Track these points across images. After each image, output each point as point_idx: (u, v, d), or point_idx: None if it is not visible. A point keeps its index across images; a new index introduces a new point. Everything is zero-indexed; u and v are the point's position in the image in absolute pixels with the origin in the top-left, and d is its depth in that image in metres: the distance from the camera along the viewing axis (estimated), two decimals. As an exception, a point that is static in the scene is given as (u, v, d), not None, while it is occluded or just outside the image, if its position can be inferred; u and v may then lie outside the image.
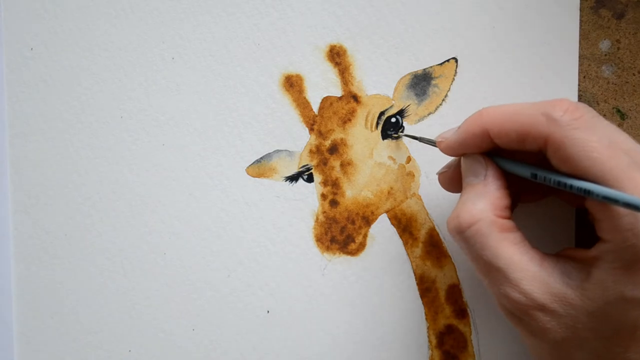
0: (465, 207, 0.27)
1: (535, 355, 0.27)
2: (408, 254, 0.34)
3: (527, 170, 0.27)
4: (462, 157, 0.29)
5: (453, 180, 0.30)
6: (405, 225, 0.34)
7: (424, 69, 0.34)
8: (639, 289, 0.24)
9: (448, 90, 0.34)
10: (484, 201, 0.27)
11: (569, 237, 0.33)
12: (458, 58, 0.34)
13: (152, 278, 0.34)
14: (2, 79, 0.34)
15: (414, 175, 0.34)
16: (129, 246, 0.34)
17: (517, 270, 0.26)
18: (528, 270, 0.26)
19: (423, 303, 0.34)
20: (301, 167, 0.34)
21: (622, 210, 0.24)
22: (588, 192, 0.25)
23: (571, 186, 0.25)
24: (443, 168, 0.31)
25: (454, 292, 0.34)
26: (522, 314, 0.26)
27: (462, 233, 0.27)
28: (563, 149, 0.25)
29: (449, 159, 0.31)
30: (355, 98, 0.34)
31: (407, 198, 0.34)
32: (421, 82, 0.34)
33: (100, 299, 0.34)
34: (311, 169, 0.34)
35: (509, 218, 0.27)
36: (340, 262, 0.34)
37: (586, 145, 0.24)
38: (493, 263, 0.26)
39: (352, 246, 0.34)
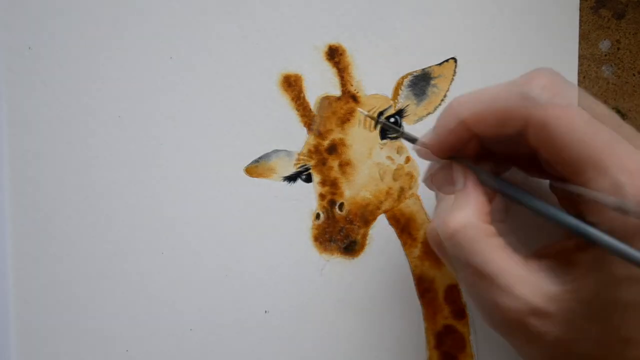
0: (453, 212, 0.26)
1: None
2: (407, 254, 0.34)
3: (507, 188, 0.27)
4: (442, 168, 0.28)
5: (441, 180, 0.29)
6: (404, 226, 0.34)
7: (423, 69, 0.34)
8: (627, 266, 0.23)
9: (447, 91, 0.34)
10: (469, 207, 0.26)
11: (549, 229, 0.32)
12: (457, 58, 0.34)
13: (149, 278, 0.34)
14: (0, 78, 0.34)
15: (412, 176, 0.34)
16: (127, 246, 0.34)
17: (507, 275, 0.25)
18: (517, 275, 0.25)
19: (421, 303, 0.34)
20: (300, 167, 0.34)
21: (608, 186, 0.23)
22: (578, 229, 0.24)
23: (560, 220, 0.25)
24: (427, 172, 0.30)
25: (453, 293, 0.34)
26: (514, 322, 0.25)
27: (451, 239, 0.26)
28: (545, 130, 0.24)
29: None
30: (354, 98, 0.34)
31: (406, 198, 0.34)
32: (420, 82, 0.34)
33: (97, 299, 0.34)
34: (310, 169, 0.34)
35: (491, 224, 0.27)
36: (338, 262, 0.34)
37: (568, 124, 0.23)
38: (482, 269, 0.25)
39: (351, 246, 0.34)
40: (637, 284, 0.23)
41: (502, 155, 0.28)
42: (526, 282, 0.25)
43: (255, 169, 0.34)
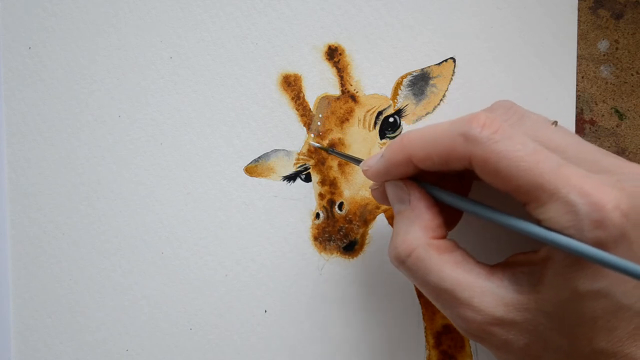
0: (399, 237, 0.27)
1: None
2: (406, 253, 0.34)
3: (452, 199, 0.27)
4: (385, 185, 0.29)
5: (385, 195, 0.29)
6: (403, 225, 0.34)
7: (422, 69, 0.34)
8: (591, 281, 0.23)
9: (446, 90, 0.34)
10: (416, 227, 0.27)
11: (516, 239, 0.33)
12: (456, 58, 0.34)
13: (149, 277, 0.34)
14: (0, 78, 0.34)
15: (412, 175, 0.34)
16: (126, 245, 0.34)
17: (465, 289, 0.25)
18: (477, 287, 0.25)
19: (420, 303, 0.34)
20: (299, 167, 0.34)
21: (561, 209, 0.23)
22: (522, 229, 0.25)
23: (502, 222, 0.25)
24: (374, 184, 0.30)
25: (452, 292, 0.34)
26: (480, 332, 0.25)
27: (403, 263, 0.27)
28: (490, 166, 0.24)
29: None
30: (353, 98, 0.34)
31: (405, 198, 0.34)
32: (419, 82, 0.34)
33: (97, 299, 0.34)
34: (309, 168, 0.34)
35: (444, 237, 0.27)
36: (337, 261, 0.34)
37: (511, 157, 0.24)
38: (440, 286, 0.26)
39: (350, 246, 0.34)
40: (601, 298, 0.24)
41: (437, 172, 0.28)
42: (487, 293, 0.25)
43: (255, 168, 0.34)
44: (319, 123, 0.34)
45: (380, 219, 0.34)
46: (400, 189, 0.28)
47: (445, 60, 0.34)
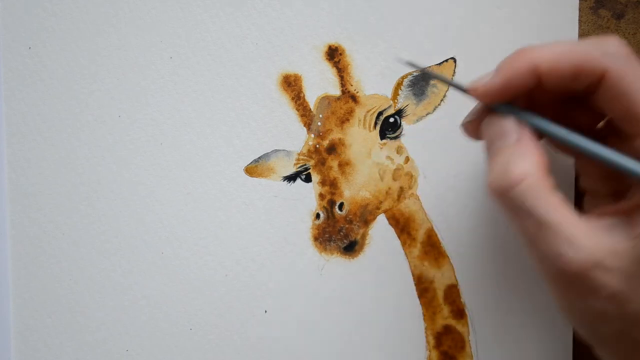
0: (509, 166, 0.26)
1: (580, 319, 0.26)
2: (406, 254, 0.34)
3: (565, 132, 0.26)
4: (487, 122, 0.27)
5: (479, 128, 0.28)
6: (403, 226, 0.34)
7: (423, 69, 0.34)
8: None
9: (447, 91, 0.34)
10: (528, 159, 0.26)
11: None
12: (456, 58, 0.34)
13: (149, 277, 0.34)
14: (0, 78, 0.34)
15: (412, 176, 0.34)
16: (126, 245, 0.34)
17: (572, 226, 0.25)
18: (581, 227, 0.25)
19: (421, 303, 0.34)
20: (299, 167, 0.34)
21: None
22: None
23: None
24: (468, 117, 0.29)
25: (452, 293, 0.34)
26: (575, 274, 0.24)
27: (509, 192, 0.25)
28: (623, 84, 0.24)
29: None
30: (354, 98, 0.34)
31: (405, 198, 0.34)
32: (419, 82, 0.34)
33: (97, 299, 0.34)
34: (309, 168, 0.34)
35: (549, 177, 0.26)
36: (338, 262, 0.34)
37: None
38: (546, 219, 0.25)
39: (351, 246, 0.34)
40: None
41: (550, 90, 0.27)
42: (589, 234, 0.25)
43: (255, 168, 0.34)
44: (319, 123, 0.34)
45: (381, 219, 0.34)
46: (511, 123, 0.27)
47: (446, 60, 0.34)
